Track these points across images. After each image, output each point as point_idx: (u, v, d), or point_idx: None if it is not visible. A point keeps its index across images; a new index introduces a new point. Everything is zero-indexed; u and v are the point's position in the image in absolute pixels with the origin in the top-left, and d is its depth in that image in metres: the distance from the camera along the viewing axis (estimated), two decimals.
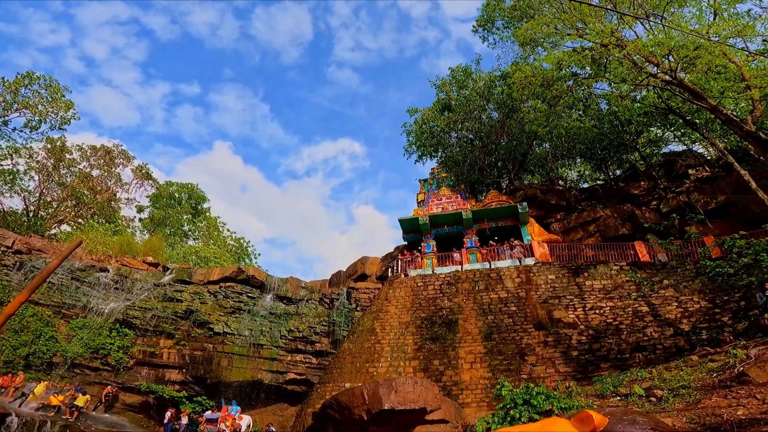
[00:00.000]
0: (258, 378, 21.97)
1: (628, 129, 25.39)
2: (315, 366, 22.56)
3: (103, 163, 40.25)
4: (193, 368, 21.89)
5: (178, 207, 44.44)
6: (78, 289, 23.60)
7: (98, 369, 21.55)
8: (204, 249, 38.11)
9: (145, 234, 39.49)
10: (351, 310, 24.46)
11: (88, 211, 37.84)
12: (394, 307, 21.36)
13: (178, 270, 27.22)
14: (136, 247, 31.83)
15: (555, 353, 15.82)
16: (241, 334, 22.93)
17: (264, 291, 26.29)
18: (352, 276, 29.65)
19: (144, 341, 22.50)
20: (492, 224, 25.17)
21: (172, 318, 23.16)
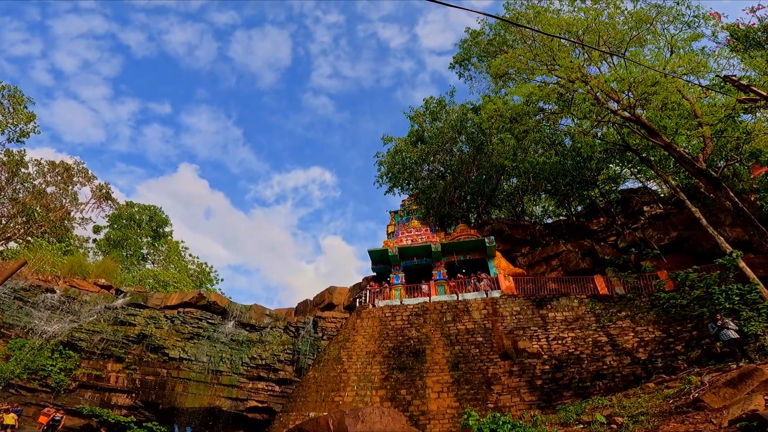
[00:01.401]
0: (216, 405, 20.84)
1: (590, 165, 26.92)
2: (278, 394, 21.65)
3: (60, 180, 38.36)
4: (144, 393, 20.68)
5: (137, 229, 42.67)
6: (21, 309, 22.16)
7: (36, 390, 20.17)
8: (163, 273, 36.49)
9: (100, 255, 37.47)
10: (317, 338, 23.90)
11: (38, 229, 35.68)
12: (362, 336, 21.09)
13: (133, 293, 26.02)
14: (88, 268, 30.18)
15: (520, 382, 15.95)
16: (199, 360, 21.89)
17: (226, 317, 25.40)
18: (320, 305, 29.13)
19: (90, 364, 21.23)
20: (460, 257, 25.64)
21: (123, 342, 22.00)
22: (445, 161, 32.58)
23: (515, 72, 22.26)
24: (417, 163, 32.95)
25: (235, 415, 21.15)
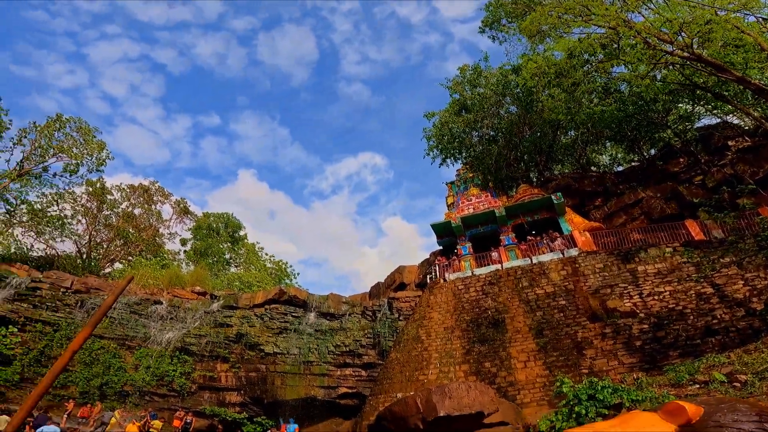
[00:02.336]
0: (311, 394, 21.72)
1: (655, 107, 24.05)
2: (365, 378, 22.07)
3: (142, 201, 41.68)
4: (250, 389, 21.95)
5: (217, 237, 45.41)
6: (137, 321, 24.27)
7: (165, 395, 22.02)
8: (246, 274, 38.60)
9: (190, 265, 40.42)
10: (394, 320, 23.95)
11: (135, 249, 39.17)
12: (437, 312, 20.71)
13: (225, 296, 27.59)
14: (184, 278, 32.54)
15: (616, 345, 14.70)
16: (291, 353, 22.84)
17: (307, 309, 26.24)
18: (391, 286, 29.16)
19: (203, 366, 22.83)
20: (527, 218, 24.19)
21: (224, 342, 23.45)
22: (493, 125, 30.79)
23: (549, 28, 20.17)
24: (465, 131, 31.47)
25: (329, 402, 21.89)
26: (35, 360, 21.07)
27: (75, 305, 23.93)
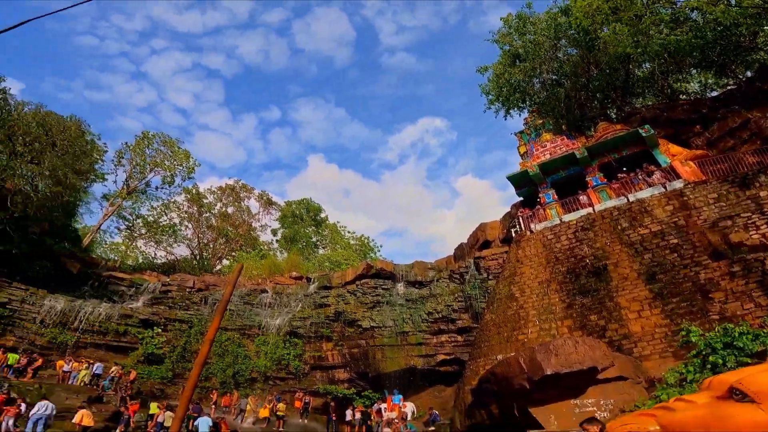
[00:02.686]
0: (410, 365, 22.25)
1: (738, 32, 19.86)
2: (461, 344, 22.07)
3: (232, 200, 45.13)
4: (354, 365, 23.11)
5: (301, 222, 47.85)
6: (251, 311, 26.55)
7: (284, 378, 24.02)
8: (333, 254, 40.36)
9: (284, 253, 43.26)
10: (483, 280, 23.33)
11: (236, 245, 42.86)
12: (528, 267, 19.62)
13: (319, 278, 28.99)
14: (281, 266, 34.98)
15: (748, 285, 12.68)
16: (386, 326, 23.51)
17: (395, 280, 26.71)
18: (475, 245, 28.36)
19: (311, 347, 24.46)
20: (614, 156, 21.65)
21: (326, 322, 24.85)
22: (554, 69, 27.82)
23: None
24: (524, 80, 28.96)
25: (429, 371, 22.23)
26: (180, 356, 23.95)
27: (200, 302, 26.85)
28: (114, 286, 27.42)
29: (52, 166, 25.69)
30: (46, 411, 13.36)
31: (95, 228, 35.85)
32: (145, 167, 37.62)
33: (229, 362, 24.04)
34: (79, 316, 22.16)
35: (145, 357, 23.14)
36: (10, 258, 23.69)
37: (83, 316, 22.18)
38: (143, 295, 27.17)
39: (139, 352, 23.15)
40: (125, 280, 28.01)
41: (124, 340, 23.26)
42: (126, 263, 36.88)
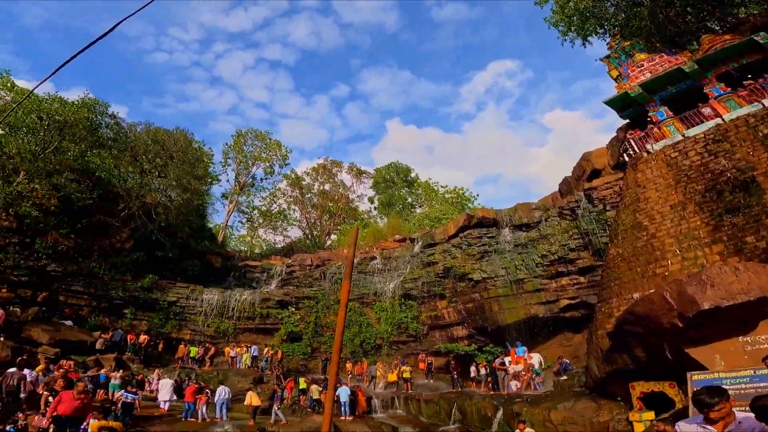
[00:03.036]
0: (531, 314, 21.46)
1: None
2: (585, 285, 20.78)
3: (326, 177, 47.44)
4: (471, 321, 22.94)
5: (393, 185, 48.58)
6: (365, 279, 27.73)
7: (406, 341, 24.82)
8: (431, 211, 40.52)
9: (383, 218, 44.71)
10: (599, 212, 21.45)
11: (339, 218, 45.39)
12: (653, 191, 17.46)
13: (422, 236, 29.32)
14: (383, 231, 36.26)
15: None
16: (498, 275, 22.96)
17: (499, 227, 25.79)
18: (582, 177, 26.06)
19: (426, 307, 24.83)
20: (733, 65, 18.11)
21: (436, 280, 24.94)
22: None
23: None
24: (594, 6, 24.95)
25: (552, 318, 21.27)
26: (314, 332, 26.05)
27: (320, 277, 29.12)
28: (250, 274, 31.18)
29: (177, 176, 29.32)
30: (226, 395, 15.60)
31: (223, 225, 40.84)
32: (248, 162, 41.31)
33: (355, 332, 25.39)
34: (230, 304, 25.78)
35: (287, 336, 25.71)
36: (166, 262, 28.19)
37: (234, 305, 25.76)
38: (274, 279, 30.44)
39: (281, 332, 25.85)
40: (257, 267, 31.63)
41: (268, 322, 26.28)
42: (254, 252, 41.55)
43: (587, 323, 18.13)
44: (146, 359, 21.52)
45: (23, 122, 24.02)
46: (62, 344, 18.93)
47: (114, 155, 27.99)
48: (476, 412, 16.14)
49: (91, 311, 23.47)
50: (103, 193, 27.01)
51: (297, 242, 43.49)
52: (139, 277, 25.48)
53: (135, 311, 24.51)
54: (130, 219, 27.11)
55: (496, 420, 15.17)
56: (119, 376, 15.65)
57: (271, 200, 45.14)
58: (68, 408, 8.65)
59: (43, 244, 24.42)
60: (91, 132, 26.16)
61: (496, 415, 15.36)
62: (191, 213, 31.38)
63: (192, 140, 33.35)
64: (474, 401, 16.52)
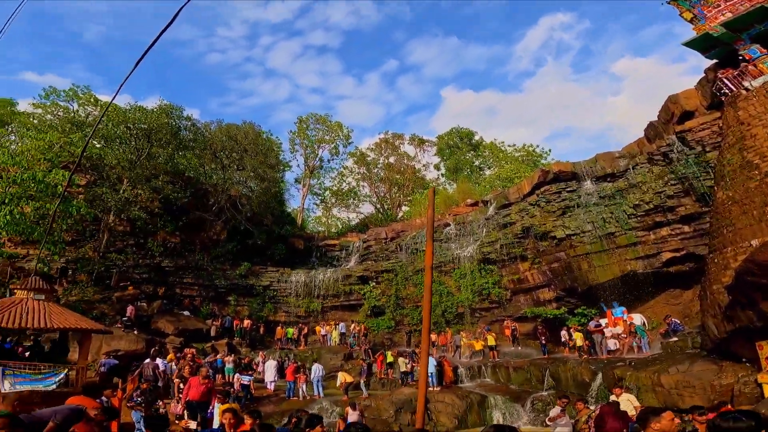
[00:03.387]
0: (627, 269, 19.66)
1: None
2: (690, 235, 18.53)
3: (390, 150, 47.23)
4: (558, 282, 21.58)
5: (459, 150, 47.05)
6: (441, 246, 26.94)
7: (489, 308, 24.04)
8: (501, 171, 38.72)
9: (452, 184, 43.71)
10: (698, 154, 18.95)
11: (408, 189, 45.29)
12: (760, 127, 15.15)
13: (496, 197, 28.07)
14: (454, 197, 35.46)
15: None
16: (584, 231, 21.38)
17: (578, 180, 23.88)
18: (671, 120, 23.16)
19: (507, 271, 23.84)
20: None
21: (515, 241, 23.66)
22: None
23: None
24: None
25: (654, 274, 19.36)
26: (395, 304, 26.31)
27: (396, 249, 29.33)
28: (330, 253, 32.55)
29: (253, 167, 31.02)
30: (320, 373, 16.63)
31: (300, 208, 42.92)
32: (314, 146, 42.58)
33: (436, 301, 24.94)
34: (315, 283, 27.22)
35: (370, 311, 26.43)
36: (256, 249, 30.41)
37: (319, 284, 27.16)
38: (353, 255, 31.43)
39: (365, 307, 26.66)
40: (336, 245, 32.88)
41: (352, 298, 27.29)
42: (331, 231, 43.26)
43: (697, 277, 16.33)
44: (251, 342, 23.59)
45: (115, 134, 26.68)
46: (183, 333, 21.48)
47: (197, 155, 30.29)
48: (571, 377, 15.58)
49: (202, 301, 26.22)
50: (194, 190, 29.64)
51: (370, 217, 44.39)
52: (236, 265, 27.84)
53: (237, 297, 26.86)
54: (220, 212, 29.49)
55: (594, 385, 14.54)
56: (231, 360, 17.43)
57: (341, 179, 46.35)
58: (197, 393, 9.77)
59: (154, 243, 27.57)
60: (173, 136, 28.33)
61: (594, 380, 14.70)
62: (271, 200, 33.24)
63: (260, 132, 34.82)
64: (568, 366, 15.93)
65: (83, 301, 22.21)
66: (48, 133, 23.83)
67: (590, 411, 8.57)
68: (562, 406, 9.18)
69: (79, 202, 21.47)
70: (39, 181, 19.02)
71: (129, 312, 20.39)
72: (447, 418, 14.96)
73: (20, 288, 14.11)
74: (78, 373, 12.72)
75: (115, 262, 25.15)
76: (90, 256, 24.79)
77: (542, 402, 15.14)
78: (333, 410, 14.62)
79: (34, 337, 16.18)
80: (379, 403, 15.27)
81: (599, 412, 7.82)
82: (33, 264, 21.53)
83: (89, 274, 23.90)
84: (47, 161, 21.26)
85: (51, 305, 14.05)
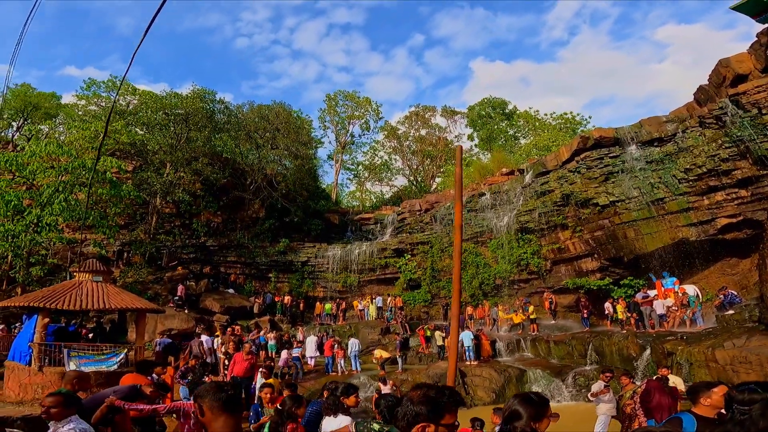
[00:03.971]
0: (679, 237, 18.23)
1: None
2: (748, 199, 16.84)
3: (421, 123, 45.93)
4: (602, 251, 20.40)
5: (491, 120, 45.09)
6: (476, 216, 26.08)
7: (528, 279, 23.04)
8: (538, 140, 36.80)
9: (486, 154, 42.13)
10: (754, 116, 17.28)
11: (441, 160, 44.18)
12: None
13: (532, 166, 26.71)
14: (489, 167, 34.00)
15: None
16: (630, 197, 20.00)
17: (622, 145, 22.32)
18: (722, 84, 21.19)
19: (546, 240, 22.76)
20: None
21: (554, 209, 22.55)
22: None
23: None
24: None
25: (708, 242, 17.93)
26: (431, 277, 25.68)
27: (431, 221, 28.44)
28: (365, 227, 32.52)
29: (286, 145, 31.15)
30: (357, 347, 16.67)
31: (334, 184, 43.03)
32: (344, 122, 42.13)
33: (472, 273, 24.29)
34: (352, 258, 27.26)
35: (406, 284, 26.07)
36: (293, 225, 30.90)
37: (355, 258, 27.20)
38: (387, 228, 31.22)
39: (401, 280, 26.29)
40: (370, 219, 32.77)
41: (388, 271, 27.01)
42: (365, 206, 43.22)
43: (756, 245, 14.96)
44: (292, 319, 24.16)
45: (155, 120, 27.40)
46: (229, 311, 22.33)
47: (232, 136, 30.71)
48: (617, 352, 14.91)
49: (245, 278, 27.10)
50: (232, 171, 30.31)
51: (403, 190, 43.90)
52: (275, 242, 28.44)
53: (277, 274, 27.46)
54: (257, 191, 30.04)
55: (642, 360, 13.85)
56: (273, 336, 17.95)
57: (373, 154, 45.81)
58: (240, 369, 10.08)
59: (198, 224, 28.63)
60: (209, 119, 28.78)
61: (641, 355, 13.99)
62: (305, 177, 33.45)
63: (291, 111, 34.73)
64: (614, 340, 15.23)
65: (138, 282, 23.51)
66: (92, 123, 24.72)
67: (635, 386, 8.07)
68: (606, 380, 8.66)
69: (128, 186, 22.35)
70: (89, 168, 19.86)
71: (179, 291, 21.35)
72: (484, 392, 14.81)
73: (79, 271, 14.84)
74: (136, 353, 13.44)
75: (164, 243, 26.40)
76: (142, 238, 26.10)
77: (585, 377, 14.64)
78: (370, 385, 14.79)
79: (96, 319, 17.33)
80: (415, 377, 15.29)
81: (645, 387, 7.47)
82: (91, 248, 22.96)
83: (142, 255, 25.20)
84: (94, 150, 22.07)
85: (108, 286, 14.80)
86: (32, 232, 18.80)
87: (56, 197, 18.59)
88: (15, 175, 21.38)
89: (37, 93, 35.53)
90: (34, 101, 34.14)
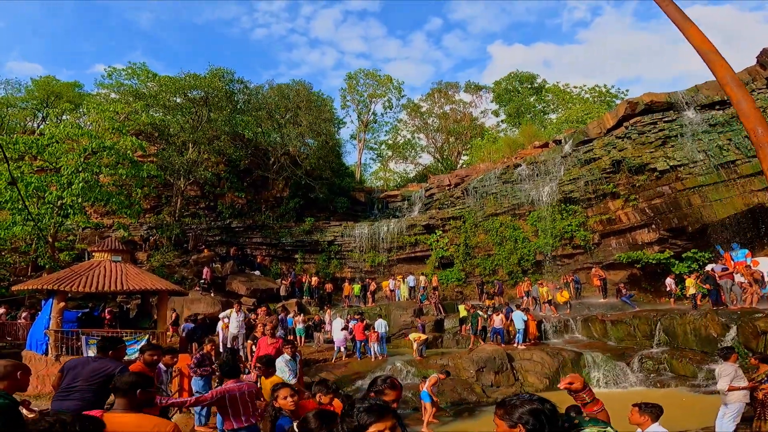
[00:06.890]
0: (754, 203, 15.74)
1: None
2: None
3: (444, 100, 43.36)
4: (661, 220, 17.98)
5: (519, 94, 42.08)
6: (512, 188, 23.76)
7: (572, 254, 20.83)
8: (571, 113, 33.73)
9: (514, 130, 39.37)
10: None
11: (467, 137, 41.63)
12: None
13: (570, 135, 24.23)
14: (519, 141, 31.52)
15: None
16: (694, 161, 17.49)
17: (677, 109, 19.67)
18: None
19: (594, 211, 20.48)
20: None
21: (603, 177, 20.19)
22: None
23: None
24: None
25: None
26: (465, 254, 23.54)
27: (462, 195, 26.12)
28: (392, 204, 30.70)
29: (308, 123, 29.39)
30: (383, 329, 14.85)
31: (358, 163, 41.25)
32: (366, 101, 40.07)
33: (510, 249, 22.17)
34: (380, 235, 25.41)
35: (438, 262, 24.01)
36: (318, 204, 29.35)
37: (383, 235, 25.33)
38: (415, 205, 29.24)
39: (432, 258, 24.22)
40: (397, 196, 30.89)
41: (418, 249, 24.99)
42: (390, 186, 41.27)
43: None
44: (320, 301, 22.49)
45: (175, 103, 26.10)
46: (255, 293, 20.97)
47: (253, 116, 29.18)
48: (692, 332, 12.69)
49: (271, 260, 25.73)
50: (254, 150, 28.92)
51: (429, 167, 41.72)
52: (300, 222, 26.96)
53: (303, 255, 25.82)
54: (281, 170, 28.63)
55: (725, 341, 11.59)
56: (301, 320, 16.42)
57: (396, 132, 43.62)
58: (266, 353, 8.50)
59: (223, 205, 27.44)
60: (228, 99, 27.30)
61: (725, 335, 11.75)
62: (329, 154, 31.81)
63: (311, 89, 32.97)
64: (688, 319, 12.98)
65: (165, 266, 22.54)
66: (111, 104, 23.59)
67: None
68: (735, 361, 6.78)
69: (149, 166, 21.18)
70: (109, 147, 18.72)
71: (205, 274, 20.17)
72: (536, 378, 12.99)
73: (98, 250, 13.67)
74: (158, 339, 12.19)
75: (190, 226, 25.36)
76: (167, 221, 25.11)
77: (653, 360, 12.61)
78: (407, 371, 13.14)
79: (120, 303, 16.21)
80: (458, 362, 13.51)
81: None
82: (119, 233, 22.05)
83: (168, 239, 24.21)
84: (115, 130, 20.93)
85: (128, 266, 13.60)
86: (57, 216, 17.86)
87: (76, 177, 17.48)
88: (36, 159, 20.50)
89: (60, 83, 34.90)
90: (56, 90, 33.48)
